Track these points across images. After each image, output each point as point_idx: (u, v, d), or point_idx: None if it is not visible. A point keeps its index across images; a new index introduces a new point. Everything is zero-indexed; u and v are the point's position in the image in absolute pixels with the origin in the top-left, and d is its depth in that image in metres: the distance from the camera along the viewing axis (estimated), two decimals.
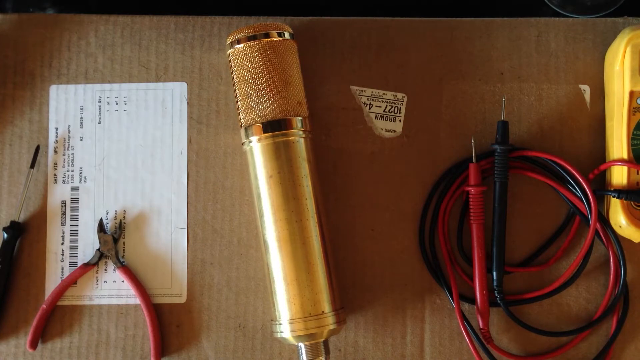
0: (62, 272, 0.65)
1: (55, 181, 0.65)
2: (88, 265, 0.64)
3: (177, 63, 0.66)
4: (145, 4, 0.71)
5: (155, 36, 0.66)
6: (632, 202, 0.61)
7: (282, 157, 0.59)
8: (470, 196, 0.63)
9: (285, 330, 0.58)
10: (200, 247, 0.65)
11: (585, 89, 0.65)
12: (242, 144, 0.61)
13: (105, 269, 0.65)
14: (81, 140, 0.66)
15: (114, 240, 0.64)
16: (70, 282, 0.64)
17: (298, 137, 0.59)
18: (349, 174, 0.65)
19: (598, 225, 0.62)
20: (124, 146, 0.66)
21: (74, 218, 0.65)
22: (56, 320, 0.64)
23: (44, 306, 0.63)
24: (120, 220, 0.65)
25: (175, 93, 0.66)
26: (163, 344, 0.64)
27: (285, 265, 0.58)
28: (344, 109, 0.65)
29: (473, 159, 0.63)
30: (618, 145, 0.61)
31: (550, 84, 0.65)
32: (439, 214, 0.64)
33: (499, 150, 0.62)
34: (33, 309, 0.64)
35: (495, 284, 0.62)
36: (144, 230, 0.65)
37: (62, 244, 0.65)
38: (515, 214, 0.64)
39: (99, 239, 0.65)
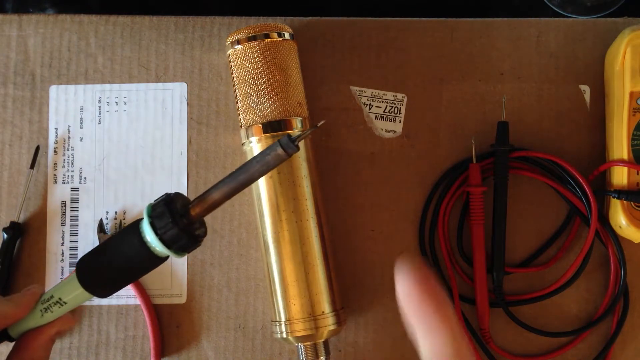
0: (62, 272, 0.65)
1: (55, 181, 0.65)
2: None
3: (177, 63, 0.66)
4: (145, 4, 0.71)
5: (155, 36, 0.66)
6: (632, 203, 0.61)
7: None
8: (471, 196, 0.63)
9: (285, 330, 0.58)
10: (200, 247, 0.64)
11: (585, 89, 0.65)
12: (242, 144, 0.61)
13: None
14: (81, 140, 0.66)
15: None
16: None
17: None
18: (348, 175, 0.65)
19: (598, 226, 0.62)
20: (124, 146, 0.66)
21: (74, 218, 0.65)
22: None
23: None
24: (120, 220, 0.65)
25: (175, 93, 0.66)
26: (163, 345, 0.64)
27: (285, 265, 0.58)
28: (344, 109, 0.65)
29: (473, 159, 0.63)
30: (618, 145, 0.61)
31: (550, 84, 0.65)
32: (439, 214, 0.64)
33: (499, 151, 0.62)
34: None
35: (495, 284, 0.62)
36: None
37: (62, 244, 0.65)
38: (515, 214, 0.64)
39: (99, 239, 0.65)
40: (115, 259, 0.48)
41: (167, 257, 0.48)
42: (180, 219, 0.46)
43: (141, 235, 0.47)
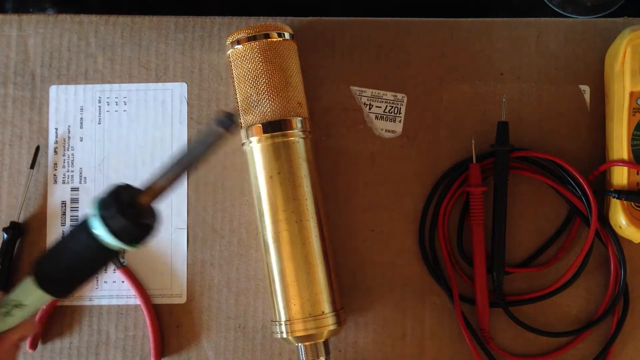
0: None
1: (55, 181, 0.65)
2: None
3: (177, 63, 0.66)
4: (145, 4, 0.71)
5: (155, 36, 0.66)
6: (632, 203, 0.61)
7: (282, 158, 0.59)
8: (471, 196, 0.63)
9: (285, 330, 0.58)
10: (200, 247, 0.65)
11: (585, 89, 0.65)
12: (242, 144, 0.61)
13: (105, 270, 0.65)
14: (81, 140, 0.66)
15: None
16: None
17: (298, 138, 0.59)
18: (349, 175, 0.65)
19: (598, 226, 0.62)
20: (124, 147, 0.66)
21: (74, 218, 0.65)
22: (56, 320, 0.64)
23: (44, 306, 0.63)
24: None
25: (175, 93, 0.66)
26: (163, 345, 0.64)
27: (285, 265, 0.58)
28: (344, 109, 0.65)
29: (473, 159, 0.63)
30: (618, 145, 0.61)
31: (550, 84, 0.65)
32: (439, 214, 0.64)
33: (499, 151, 0.62)
34: None
35: (495, 284, 0.62)
36: None
37: None
38: (515, 214, 0.64)
39: None
40: (68, 257, 0.47)
41: (122, 249, 0.46)
42: (128, 209, 0.45)
43: (89, 230, 0.45)
